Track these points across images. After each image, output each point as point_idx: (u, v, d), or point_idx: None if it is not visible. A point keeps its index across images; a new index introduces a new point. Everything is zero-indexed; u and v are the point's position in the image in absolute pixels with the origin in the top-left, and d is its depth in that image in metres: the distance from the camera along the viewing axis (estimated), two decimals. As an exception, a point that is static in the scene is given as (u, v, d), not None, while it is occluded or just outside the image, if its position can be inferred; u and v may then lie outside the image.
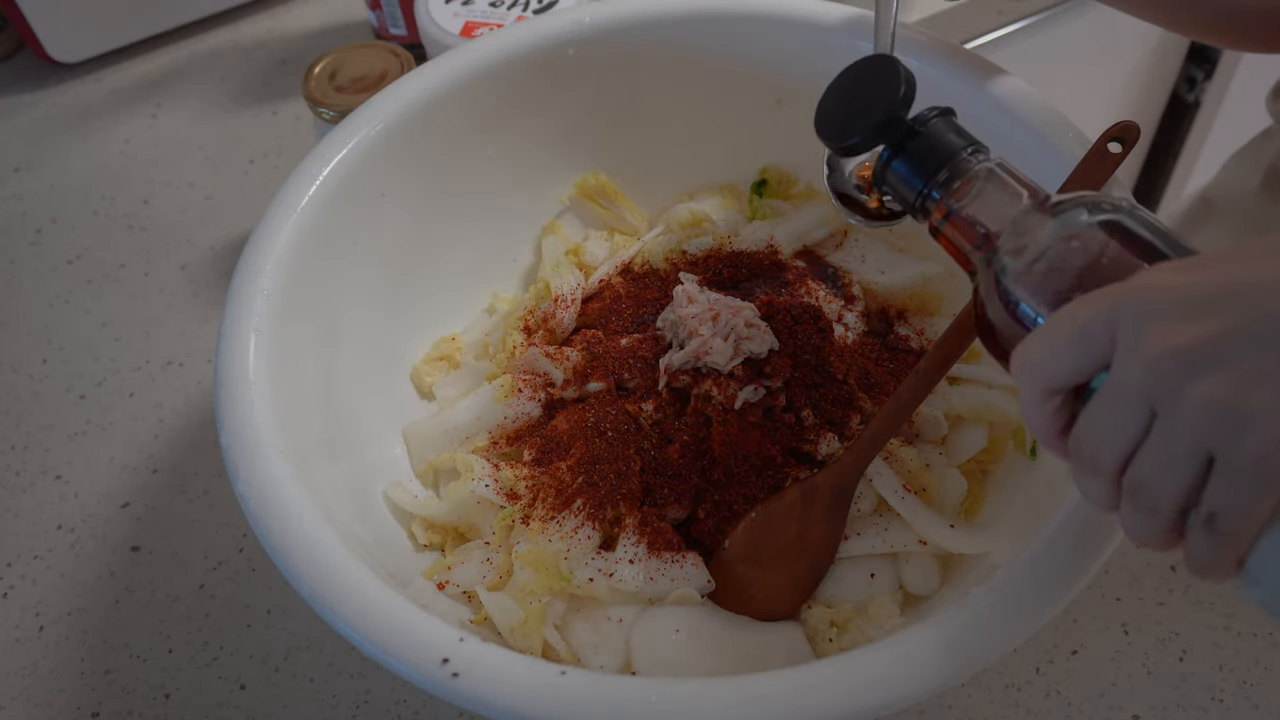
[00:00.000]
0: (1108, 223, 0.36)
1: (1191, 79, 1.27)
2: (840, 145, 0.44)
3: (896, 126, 0.42)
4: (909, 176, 0.42)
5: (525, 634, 0.46)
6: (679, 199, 0.66)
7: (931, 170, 0.42)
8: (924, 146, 0.42)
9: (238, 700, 0.54)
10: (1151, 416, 0.30)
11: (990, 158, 0.41)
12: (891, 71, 0.43)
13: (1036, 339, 0.33)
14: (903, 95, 0.42)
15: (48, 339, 0.70)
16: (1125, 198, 0.38)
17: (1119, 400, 0.31)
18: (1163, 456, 0.30)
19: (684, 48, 0.60)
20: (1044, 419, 0.34)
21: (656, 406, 0.53)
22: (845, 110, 0.44)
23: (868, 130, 0.42)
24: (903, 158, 0.42)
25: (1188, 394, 0.29)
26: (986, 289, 0.39)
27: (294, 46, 0.90)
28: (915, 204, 0.43)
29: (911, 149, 0.42)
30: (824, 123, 0.45)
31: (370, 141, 0.54)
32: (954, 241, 0.42)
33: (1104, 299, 0.32)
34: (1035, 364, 0.33)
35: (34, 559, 0.60)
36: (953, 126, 0.42)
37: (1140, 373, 0.30)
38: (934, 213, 0.42)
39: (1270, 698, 0.51)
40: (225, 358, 0.46)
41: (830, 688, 0.36)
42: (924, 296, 0.59)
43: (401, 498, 0.52)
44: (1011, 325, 0.37)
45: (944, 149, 0.41)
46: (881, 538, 0.50)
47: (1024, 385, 0.34)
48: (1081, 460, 0.33)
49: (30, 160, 0.82)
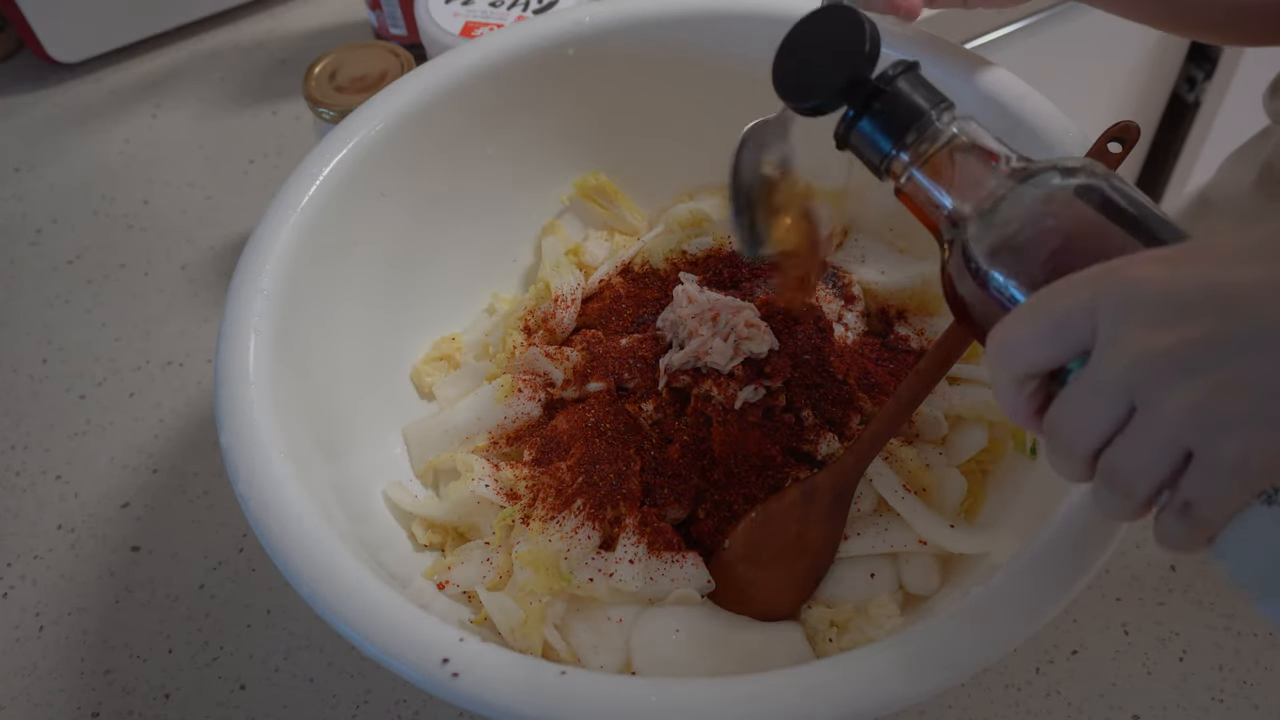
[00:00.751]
0: (1082, 189, 0.35)
1: (1191, 79, 1.27)
2: (801, 106, 0.42)
3: (862, 86, 0.40)
4: (875, 138, 0.40)
5: (525, 634, 0.46)
6: (679, 199, 0.66)
7: (899, 131, 0.40)
8: (890, 106, 0.40)
9: (238, 700, 0.54)
10: (1129, 409, 0.31)
11: (959, 115, 0.40)
12: (856, 24, 0.41)
13: (1014, 324, 0.33)
14: (868, 53, 0.40)
15: (48, 339, 0.70)
16: (1100, 164, 0.37)
17: (1097, 392, 0.31)
18: (1141, 450, 0.31)
19: (684, 48, 0.60)
20: (1019, 402, 0.34)
21: (656, 406, 0.53)
22: (806, 66, 0.42)
23: (831, 91, 0.40)
24: (868, 118, 0.40)
25: (1169, 396, 0.29)
26: (955, 257, 0.38)
27: (294, 46, 0.90)
28: (881, 166, 0.41)
29: (877, 109, 0.40)
30: (784, 81, 0.43)
31: (370, 141, 0.54)
32: (921, 205, 0.40)
33: (1084, 287, 0.31)
34: (1012, 349, 0.33)
35: (34, 559, 0.60)
36: (920, 83, 0.40)
37: (1120, 369, 0.30)
38: (900, 175, 0.40)
39: (1270, 698, 0.51)
40: (225, 358, 0.46)
41: (830, 688, 0.36)
42: (924, 296, 0.59)
43: (401, 498, 0.52)
44: (981, 296, 0.36)
45: (912, 109, 0.39)
46: (881, 538, 0.50)
47: (999, 369, 0.34)
48: (1056, 443, 0.33)
49: (30, 160, 0.82)
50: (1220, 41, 0.59)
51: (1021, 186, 0.36)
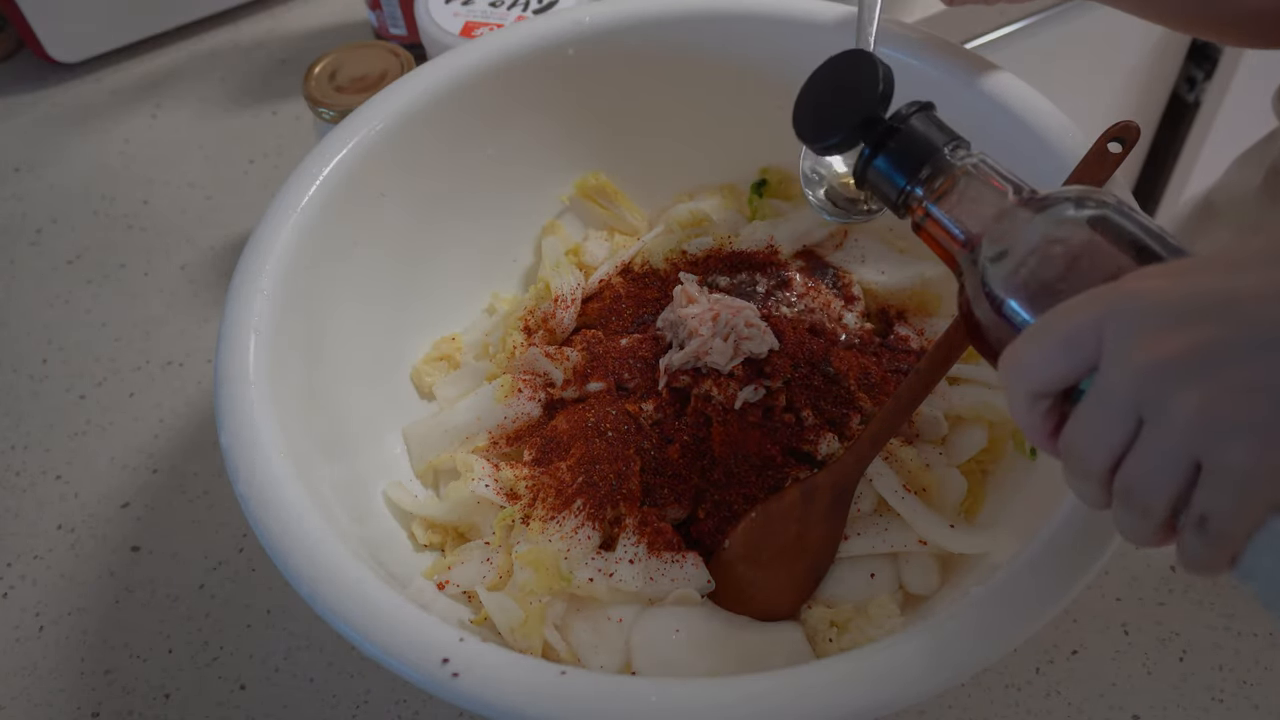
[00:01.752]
0: (1094, 219, 0.36)
1: (1191, 79, 1.27)
2: (819, 145, 0.43)
3: (876, 125, 0.42)
4: (890, 174, 0.42)
5: (525, 634, 0.46)
6: (679, 199, 0.66)
7: (913, 168, 0.41)
8: (905, 144, 0.41)
9: (238, 700, 0.54)
10: (1139, 423, 0.30)
11: (972, 153, 0.41)
12: (869, 67, 0.42)
13: (1024, 344, 0.33)
14: (881, 92, 0.42)
15: (48, 339, 0.70)
16: (1110, 193, 0.38)
17: (1106, 408, 0.31)
18: (1151, 463, 0.30)
19: (684, 48, 0.60)
20: (1033, 421, 0.34)
21: (656, 406, 0.53)
22: (824, 108, 0.44)
23: (847, 130, 0.42)
24: (883, 156, 0.42)
25: (1174, 404, 0.29)
26: (972, 287, 0.38)
27: (294, 46, 0.90)
28: (898, 201, 0.42)
29: (892, 147, 0.41)
30: (802, 121, 0.44)
31: (370, 141, 0.54)
32: (937, 239, 0.41)
33: (1092, 304, 0.32)
34: (1023, 369, 0.33)
35: (34, 559, 0.60)
36: (934, 122, 0.42)
37: (1127, 382, 0.30)
38: (916, 210, 0.42)
39: (1270, 698, 0.51)
40: (225, 358, 0.46)
41: (830, 688, 0.36)
42: (924, 296, 0.59)
43: (401, 498, 0.52)
44: (998, 324, 0.37)
45: (925, 146, 0.41)
46: (881, 538, 0.50)
47: (1012, 389, 0.34)
48: (1072, 462, 0.33)
49: (30, 160, 0.82)
50: (1236, 43, 0.58)
51: (1036, 217, 0.37)
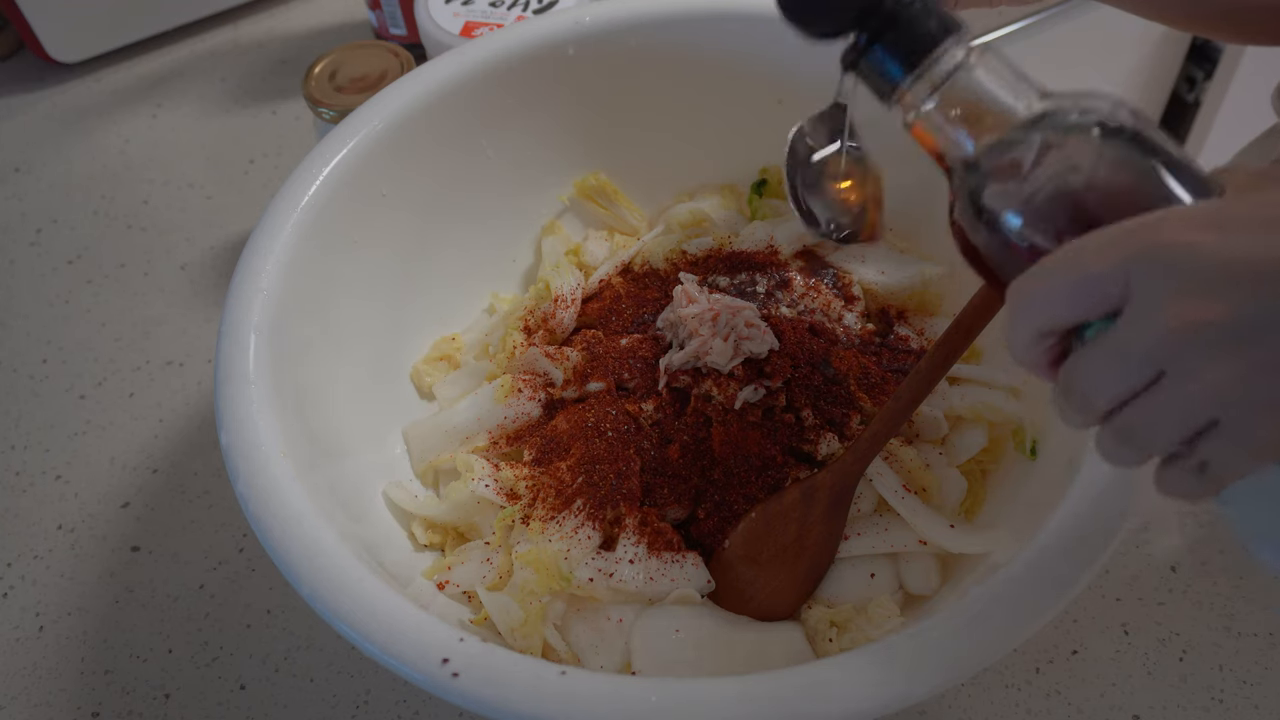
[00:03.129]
0: (1111, 130, 0.33)
1: (1192, 78, 1.27)
2: (812, 33, 0.39)
3: (875, 10, 0.38)
4: (886, 66, 0.38)
5: (525, 634, 0.46)
6: (679, 199, 0.66)
7: (912, 60, 0.37)
8: (904, 33, 0.37)
9: (238, 700, 0.54)
10: (1156, 374, 0.30)
11: (978, 45, 0.38)
12: None
13: (1041, 277, 0.32)
14: None
15: (48, 339, 0.70)
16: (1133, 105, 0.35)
17: (1125, 358, 0.30)
18: (1166, 415, 0.30)
19: (684, 48, 0.60)
20: (1035, 357, 0.33)
21: (656, 406, 0.53)
22: None
23: (845, 17, 0.38)
24: (880, 44, 0.37)
25: (1206, 370, 0.29)
26: (967, 195, 0.36)
27: (294, 46, 0.90)
28: (891, 94, 0.38)
29: (890, 36, 0.37)
30: (791, 4, 0.40)
31: (371, 141, 0.54)
32: (932, 141, 0.38)
33: (1120, 246, 0.30)
34: (1036, 305, 0.32)
35: (34, 559, 0.60)
36: (937, 11, 0.38)
37: (1154, 338, 0.29)
38: (911, 107, 0.38)
39: (1270, 698, 0.51)
40: (225, 358, 0.46)
41: (830, 688, 0.36)
42: (924, 296, 0.59)
43: (401, 498, 0.52)
44: (994, 238, 0.35)
45: (927, 36, 0.37)
46: (881, 538, 0.50)
47: (1019, 320, 0.33)
48: (1071, 396, 0.32)
49: (30, 160, 0.82)
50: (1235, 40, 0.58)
51: (1044, 125, 0.34)
